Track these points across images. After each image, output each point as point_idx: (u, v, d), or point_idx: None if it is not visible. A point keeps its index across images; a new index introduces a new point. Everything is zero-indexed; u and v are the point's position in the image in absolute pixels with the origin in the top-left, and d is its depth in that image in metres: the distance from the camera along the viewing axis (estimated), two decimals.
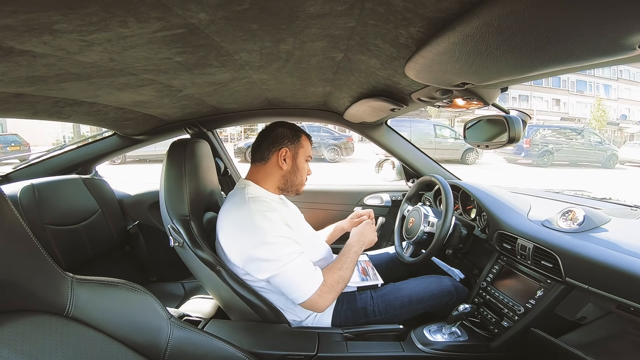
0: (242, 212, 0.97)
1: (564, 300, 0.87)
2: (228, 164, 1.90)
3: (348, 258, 1.05)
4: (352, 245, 1.10)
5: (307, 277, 0.93)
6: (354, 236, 1.15)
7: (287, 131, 1.09)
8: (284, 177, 1.08)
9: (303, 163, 1.11)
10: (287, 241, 0.94)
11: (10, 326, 0.48)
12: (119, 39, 0.54)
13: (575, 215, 0.97)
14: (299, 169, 1.10)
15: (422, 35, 0.54)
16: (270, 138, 1.07)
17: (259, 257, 0.93)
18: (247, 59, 0.74)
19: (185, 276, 1.61)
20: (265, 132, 1.10)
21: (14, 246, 0.51)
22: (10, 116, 1.02)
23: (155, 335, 0.67)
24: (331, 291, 0.95)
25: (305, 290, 0.92)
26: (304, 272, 0.93)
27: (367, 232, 1.17)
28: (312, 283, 0.93)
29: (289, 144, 1.07)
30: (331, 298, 0.95)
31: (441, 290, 1.15)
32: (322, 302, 0.93)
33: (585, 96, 24.44)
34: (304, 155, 1.11)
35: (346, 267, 1.02)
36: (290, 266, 0.92)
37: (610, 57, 0.46)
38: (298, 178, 1.10)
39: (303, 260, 0.95)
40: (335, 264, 1.03)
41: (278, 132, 1.08)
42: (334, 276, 0.98)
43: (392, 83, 0.88)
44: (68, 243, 1.36)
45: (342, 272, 1.00)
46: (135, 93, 0.94)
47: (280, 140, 1.07)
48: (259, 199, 1.01)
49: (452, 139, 11.10)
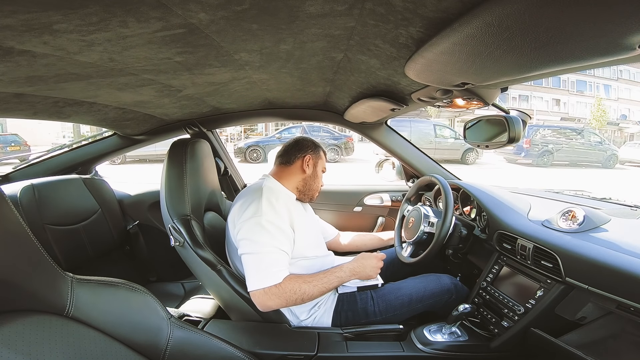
0: (254, 195, 1.04)
1: (564, 300, 0.87)
2: (228, 164, 1.90)
3: (326, 278, 1.01)
4: (343, 270, 1.06)
5: (269, 271, 0.94)
6: (353, 262, 1.10)
7: (310, 143, 1.23)
8: (304, 180, 1.18)
9: (320, 172, 1.23)
10: (277, 232, 0.97)
11: (10, 326, 0.48)
12: (119, 39, 0.54)
13: (575, 215, 0.97)
14: (317, 176, 1.22)
15: (422, 35, 0.54)
16: (297, 146, 1.20)
17: (246, 233, 0.97)
18: (247, 59, 0.74)
19: (185, 276, 1.61)
20: (291, 141, 1.24)
21: (14, 246, 0.51)
22: (10, 116, 1.02)
23: (155, 335, 0.67)
24: (280, 297, 0.93)
25: (256, 281, 0.93)
26: (269, 265, 0.94)
27: (369, 266, 1.10)
28: (266, 279, 0.93)
29: (312, 152, 1.20)
30: (278, 303, 0.94)
31: (441, 288, 1.15)
32: (266, 300, 0.93)
33: (585, 96, 24.44)
34: (321, 165, 1.24)
35: (315, 284, 0.98)
36: (261, 255, 0.95)
37: (610, 57, 0.46)
38: (315, 184, 1.21)
39: (277, 257, 0.96)
40: (309, 276, 1.00)
41: (303, 142, 1.22)
42: (294, 285, 0.95)
43: (392, 83, 0.88)
44: (68, 243, 1.36)
45: (307, 286, 0.96)
46: (135, 93, 0.94)
47: (305, 148, 1.20)
48: (274, 189, 1.08)
49: (452, 139, 11.10)
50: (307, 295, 0.97)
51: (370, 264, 1.10)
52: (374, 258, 1.12)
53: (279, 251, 0.96)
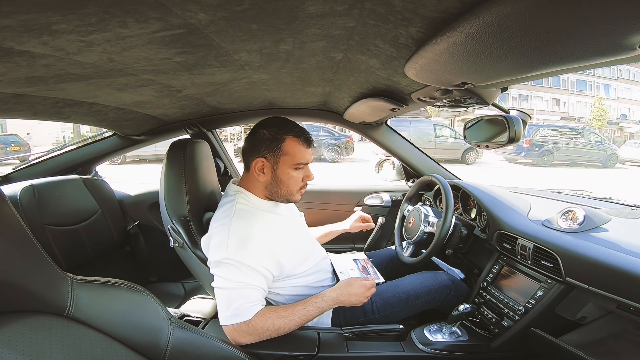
0: (223, 225, 0.92)
1: (564, 300, 0.87)
2: (228, 164, 1.90)
3: (304, 310, 0.93)
4: (323, 299, 0.95)
5: (238, 308, 0.87)
6: (336, 290, 0.97)
7: (267, 135, 0.94)
8: (266, 187, 0.98)
9: (288, 173, 0.95)
10: (243, 268, 0.88)
11: (10, 327, 0.48)
12: (119, 39, 0.54)
13: (575, 215, 0.97)
14: (281, 180, 0.96)
15: (422, 35, 0.54)
16: (251, 143, 0.96)
17: (215, 269, 0.91)
18: (246, 59, 0.74)
19: (185, 276, 1.61)
20: (249, 134, 0.99)
21: (14, 247, 0.51)
22: (10, 116, 1.02)
23: (156, 335, 0.67)
24: (252, 334, 0.88)
25: (226, 317, 0.88)
26: (239, 302, 0.87)
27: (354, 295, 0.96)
28: (237, 316, 0.87)
29: (266, 152, 0.93)
30: (249, 339, 0.89)
31: (438, 284, 1.14)
32: (237, 336, 0.88)
33: (585, 96, 24.44)
34: (288, 164, 0.94)
35: (292, 318, 0.92)
36: (230, 291, 0.88)
37: (610, 57, 0.46)
38: (284, 189, 0.97)
39: (247, 293, 0.89)
40: (284, 310, 0.92)
41: (257, 137, 0.95)
42: (267, 322, 0.88)
43: (392, 83, 0.88)
44: (68, 243, 1.36)
45: (281, 321, 0.90)
46: (134, 93, 0.94)
47: (258, 147, 0.94)
48: (245, 213, 0.95)
49: (452, 138, 11.10)
50: (282, 330, 0.90)
51: (357, 292, 0.96)
52: (363, 287, 0.97)
53: (249, 286, 0.89)
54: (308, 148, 0.98)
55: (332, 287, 1.00)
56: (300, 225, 1.17)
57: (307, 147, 0.97)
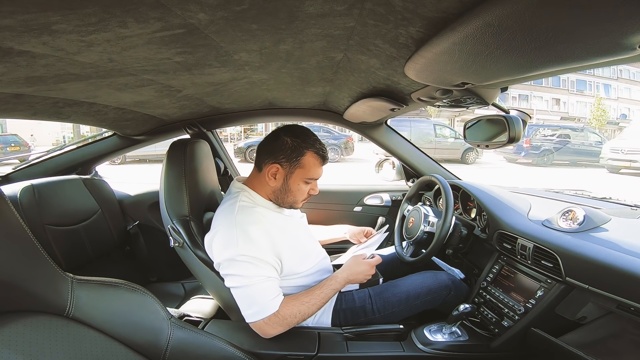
0: (227, 222, 0.94)
1: (564, 300, 0.87)
2: (228, 164, 1.90)
3: (322, 293, 0.97)
4: (336, 280, 1.01)
5: (263, 302, 0.89)
6: (344, 270, 1.04)
7: (290, 144, 0.95)
8: (274, 192, 1.00)
9: (298, 185, 0.98)
10: (257, 262, 0.90)
11: (10, 327, 0.48)
12: (118, 39, 0.54)
13: (575, 215, 0.97)
14: (290, 190, 0.98)
15: (422, 35, 0.54)
16: (270, 146, 0.98)
17: (227, 269, 0.92)
18: (246, 59, 0.74)
19: (185, 276, 1.61)
20: (270, 136, 1.00)
21: (14, 247, 0.51)
22: (10, 116, 1.03)
23: (156, 335, 0.67)
24: (282, 324, 0.91)
25: (253, 314, 0.90)
26: (262, 296, 0.90)
27: (361, 273, 1.04)
28: (264, 310, 0.89)
29: (284, 160, 0.95)
30: (280, 329, 0.92)
31: (438, 284, 1.14)
32: (268, 329, 0.91)
33: (585, 95, 24.44)
34: (301, 176, 0.97)
35: (313, 302, 0.95)
36: (250, 287, 0.90)
37: (610, 57, 0.46)
38: (290, 198, 1.00)
39: (267, 285, 0.91)
40: (305, 296, 0.96)
41: (279, 142, 0.96)
42: (293, 309, 0.92)
43: (392, 83, 0.88)
44: (68, 243, 1.36)
45: (305, 307, 0.94)
46: (134, 93, 0.94)
47: (277, 153, 0.96)
48: (248, 209, 0.96)
49: (452, 138, 11.10)
50: (306, 315, 0.95)
51: (363, 270, 1.04)
52: (366, 264, 1.05)
53: (267, 279, 0.91)
54: (323, 165, 1.01)
55: (342, 268, 1.05)
56: (301, 225, 1.18)
57: (323, 164, 1.01)
